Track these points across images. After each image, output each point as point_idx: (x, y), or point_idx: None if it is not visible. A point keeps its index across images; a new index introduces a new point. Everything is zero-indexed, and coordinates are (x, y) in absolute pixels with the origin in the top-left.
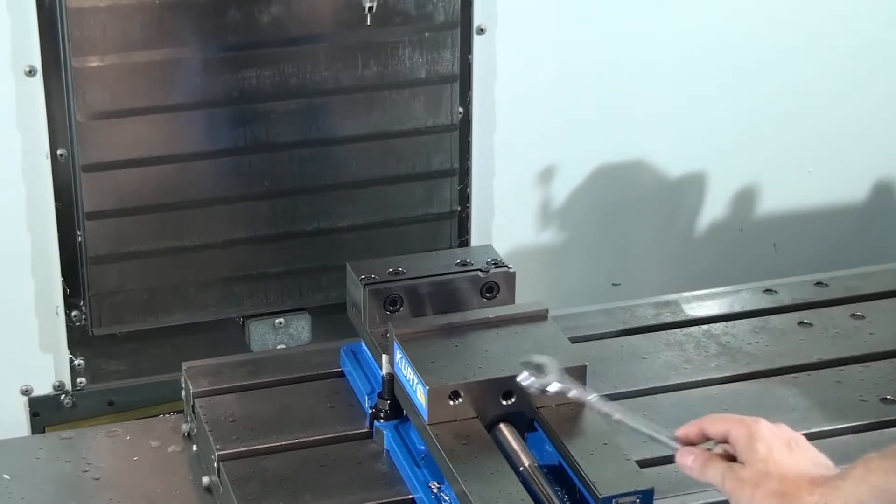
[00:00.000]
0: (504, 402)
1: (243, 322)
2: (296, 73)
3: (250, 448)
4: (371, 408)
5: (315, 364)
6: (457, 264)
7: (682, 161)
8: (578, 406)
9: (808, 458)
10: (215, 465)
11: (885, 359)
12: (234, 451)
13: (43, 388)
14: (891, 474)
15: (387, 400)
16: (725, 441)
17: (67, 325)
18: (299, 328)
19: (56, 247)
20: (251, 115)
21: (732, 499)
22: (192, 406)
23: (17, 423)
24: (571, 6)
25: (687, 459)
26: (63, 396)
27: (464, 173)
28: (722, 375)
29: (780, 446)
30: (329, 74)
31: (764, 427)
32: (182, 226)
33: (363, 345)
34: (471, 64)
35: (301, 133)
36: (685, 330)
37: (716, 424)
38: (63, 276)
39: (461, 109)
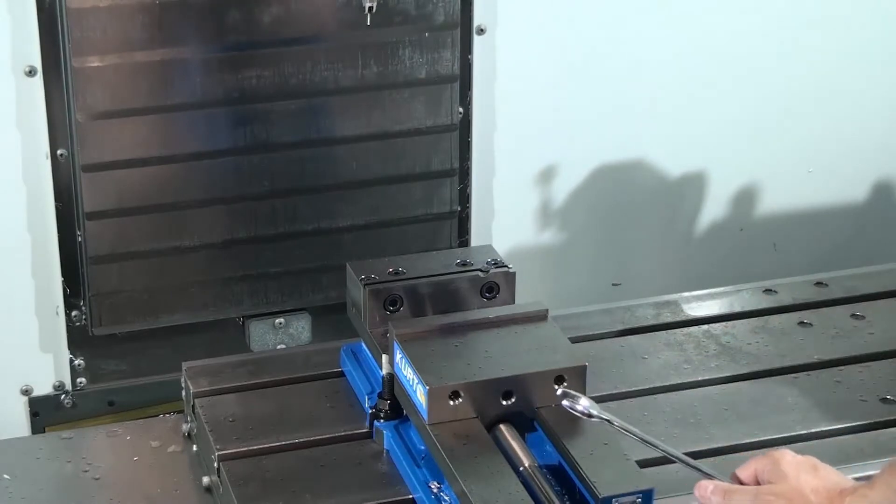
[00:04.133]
0: (504, 402)
1: (243, 322)
2: (296, 73)
3: (250, 448)
4: (371, 408)
5: (315, 364)
6: (457, 264)
7: (682, 161)
8: None
9: (834, 476)
10: (215, 465)
11: (885, 359)
12: (234, 451)
13: (43, 388)
14: None
15: (387, 400)
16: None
17: (67, 325)
18: (299, 328)
19: (56, 247)
20: (251, 115)
21: None
22: (192, 406)
23: (17, 423)
24: (571, 6)
25: (707, 489)
26: (63, 396)
27: (464, 173)
28: (722, 375)
29: (807, 469)
30: (329, 74)
31: (788, 454)
32: (182, 226)
33: (363, 345)
34: (471, 64)
35: (301, 133)
36: (685, 330)
37: (745, 470)
38: (63, 276)
39: (461, 109)
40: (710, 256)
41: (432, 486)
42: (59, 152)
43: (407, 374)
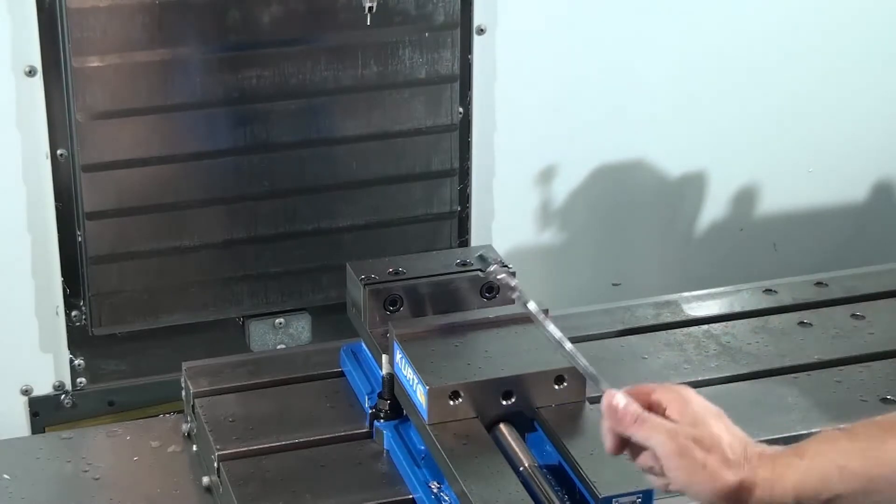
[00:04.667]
0: (504, 402)
1: (243, 322)
2: (296, 73)
3: (250, 448)
4: (371, 408)
5: (315, 364)
6: (457, 264)
7: (682, 161)
8: (579, 406)
9: (740, 433)
10: (215, 465)
11: (885, 359)
12: (234, 451)
13: (43, 388)
14: (853, 454)
15: (387, 400)
16: (650, 408)
17: (67, 325)
18: (299, 328)
19: (56, 247)
20: (251, 115)
21: (675, 461)
22: (192, 406)
23: (17, 423)
24: (571, 6)
25: (618, 403)
26: (63, 396)
27: (464, 173)
28: (722, 375)
29: (716, 416)
30: (329, 74)
31: (695, 394)
32: (182, 226)
33: (363, 345)
34: (471, 64)
35: (301, 133)
36: (685, 330)
37: (643, 394)
38: (63, 276)
39: (461, 109)
40: (710, 256)
41: (432, 486)
42: (59, 152)
43: (407, 374)
